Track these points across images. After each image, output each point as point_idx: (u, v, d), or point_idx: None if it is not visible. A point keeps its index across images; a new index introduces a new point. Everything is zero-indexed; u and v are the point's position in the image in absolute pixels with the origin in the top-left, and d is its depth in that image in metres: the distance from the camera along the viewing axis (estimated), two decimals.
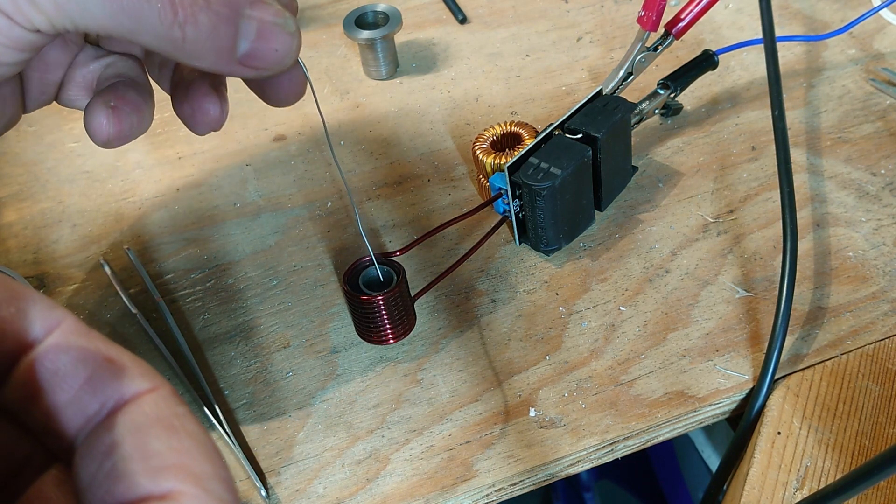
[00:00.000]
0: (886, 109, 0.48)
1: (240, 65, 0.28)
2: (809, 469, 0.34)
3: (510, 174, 0.39)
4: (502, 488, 0.35)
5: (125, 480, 0.16)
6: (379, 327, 0.38)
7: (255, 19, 0.28)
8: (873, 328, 0.38)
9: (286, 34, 0.28)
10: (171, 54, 0.28)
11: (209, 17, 0.27)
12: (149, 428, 0.17)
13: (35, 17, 0.26)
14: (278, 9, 0.28)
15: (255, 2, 0.28)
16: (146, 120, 0.33)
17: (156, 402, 0.17)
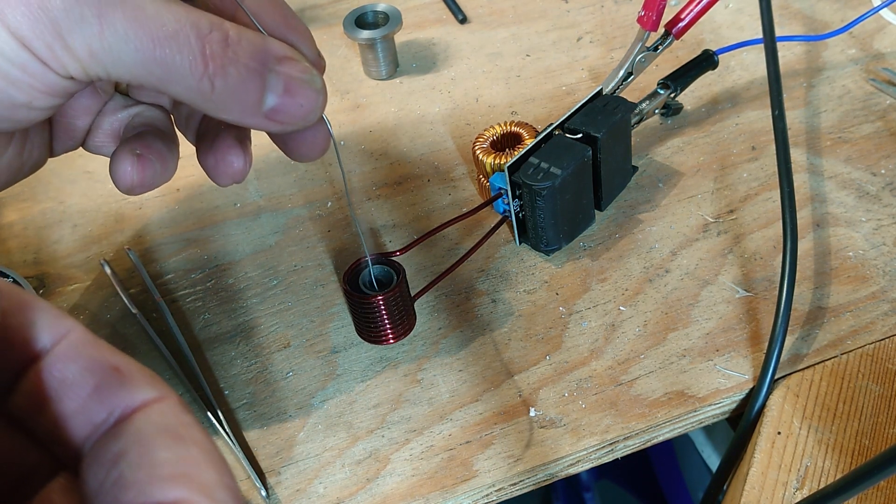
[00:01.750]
0: (886, 109, 0.49)
1: (265, 118, 0.29)
2: (809, 469, 0.34)
3: (510, 174, 0.39)
4: (502, 488, 0.35)
5: (132, 489, 0.16)
6: (379, 327, 0.38)
7: (282, 74, 0.28)
8: (873, 328, 0.38)
9: (312, 91, 0.29)
10: (198, 105, 0.28)
11: (238, 71, 0.27)
12: (155, 437, 0.17)
13: (70, 64, 0.26)
14: (306, 66, 0.29)
15: (283, 57, 0.29)
16: (170, 169, 0.34)
17: (162, 412, 0.18)
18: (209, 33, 0.27)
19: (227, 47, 0.27)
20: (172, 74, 0.27)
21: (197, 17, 0.27)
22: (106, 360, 0.18)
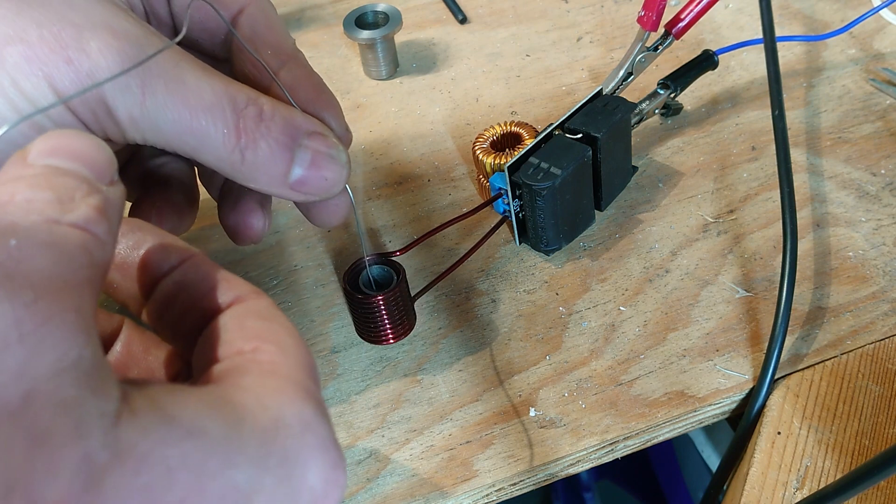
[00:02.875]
0: (886, 109, 0.49)
1: (290, 189, 0.30)
2: (809, 469, 0.34)
3: (510, 174, 0.39)
4: (502, 488, 0.35)
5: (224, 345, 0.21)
6: (379, 327, 0.38)
7: (310, 149, 0.29)
8: (873, 328, 0.38)
9: (337, 165, 0.30)
10: (227, 173, 0.29)
11: (269, 145, 0.29)
12: (246, 314, 0.22)
13: (110, 129, 0.27)
14: (333, 141, 0.30)
15: (312, 132, 0.30)
16: (186, 223, 0.35)
17: (256, 302, 0.23)
18: (245, 107, 0.28)
19: (261, 122, 0.28)
20: (206, 144, 0.28)
21: (234, 91, 0.28)
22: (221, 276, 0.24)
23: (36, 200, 0.19)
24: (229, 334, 0.21)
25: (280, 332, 0.22)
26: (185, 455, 0.17)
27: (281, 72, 0.31)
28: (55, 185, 0.19)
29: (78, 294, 0.18)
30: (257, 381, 0.20)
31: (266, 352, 0.21)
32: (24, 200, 0.19)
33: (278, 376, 0.20)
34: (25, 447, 0.15)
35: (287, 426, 0.19)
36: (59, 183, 0.19)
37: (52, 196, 0.19)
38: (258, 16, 0.32)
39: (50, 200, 0.19)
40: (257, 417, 0.18)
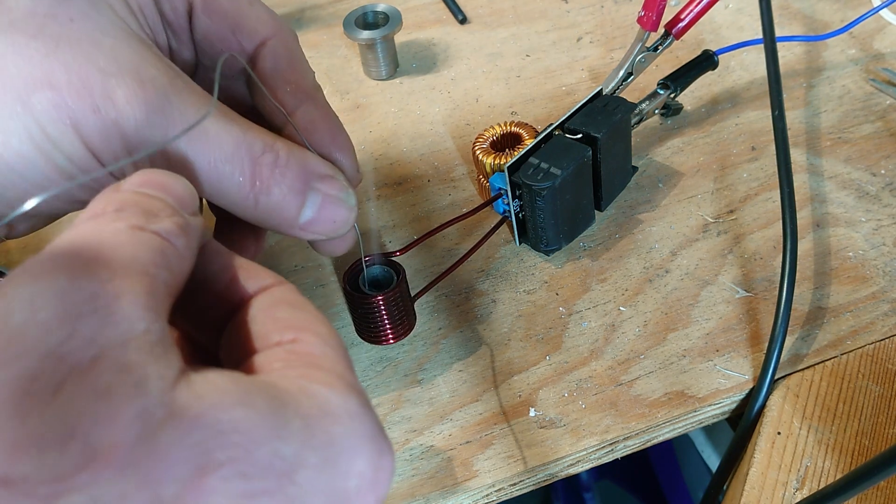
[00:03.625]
0: (886, 109, 0.49)
1: (300, 229, 0.31)
2: (809, 469, 0.34)
3: (510, 174, 0.39)
4: (502, 488, 0.35)
5: (259, 338, 0.22)
6: (379, 327, 0.38)
7: (321, 192, 0.30)
8: (873, 328, 0.38)
9: (346, 208, 0.31)
10: (240, 215, 0.30)
11: (281, 191, 0.29)
12: (276, 304, 0.23)
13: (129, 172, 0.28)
14: (343, 184, 0.31)
15: (324, 176, 0.30)
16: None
17: (283, 290, 0.24)
18: (261, 155, 0.29)
19: (276, 168, 0.29)
20: (222, 190, 0.28)
21: (252, 138, 0.29)
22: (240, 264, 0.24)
23: (123, 212, 0.21)
24: (262, 326, 0.22)
25: (314, 321, 0.23)
26: (236, 420, 0.18)
27: (298, 111, 0.32)
28: (142, 204, 0.22)
29: (151, 282, 0.20)
30: (303, 372, 0.21)
31: (306, 342, 0.22)
32: (113, 211, 0.21)
33: (323, 369, 0.21)
34: (88, 399, 0.17)
35: (333, 415, 0.20)
36: (147, 203, 0.22)
37: (139, 210, 0.21)
38: (281, 50, 0.32)
39: (136, 213, 0.21)
40: (302, 403, 0.19)
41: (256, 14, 0.32)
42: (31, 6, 0.26)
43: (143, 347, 0.18)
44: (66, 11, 0.26)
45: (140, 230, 0.21)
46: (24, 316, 0.18)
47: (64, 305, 0.18)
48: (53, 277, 0.18)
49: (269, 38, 0.32)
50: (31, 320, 0.18)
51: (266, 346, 0.22)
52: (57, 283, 0.18)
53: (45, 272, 0.19)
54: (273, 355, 0.21)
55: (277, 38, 0.32)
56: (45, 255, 0.19)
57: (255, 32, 0.32)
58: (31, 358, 0.17)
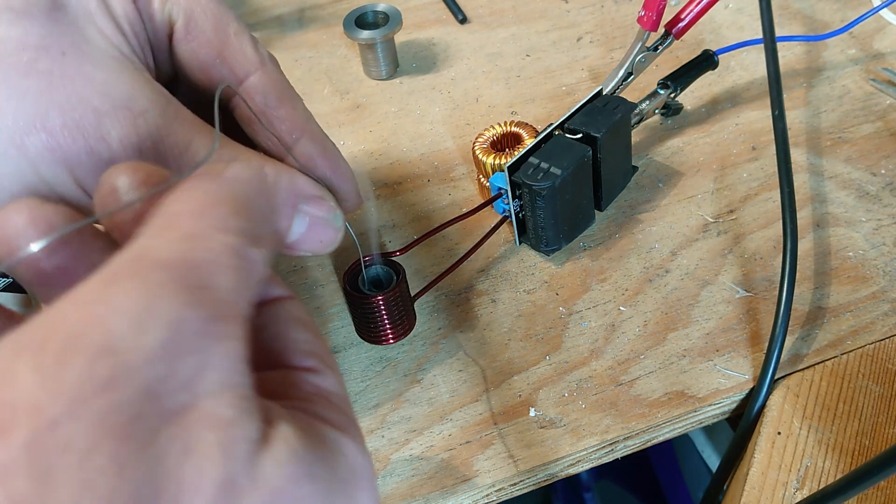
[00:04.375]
0: (886, 109, 0.48)
1: (286, 248, 0.31)
2: (809, 469, 0.34)
3: (510, 174, 0.39)
4: (502, 488, 0.35)
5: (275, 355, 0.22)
6: (379, 327, 0.38)
7: (308, 214, 0.30)
8: (873, 328, 0.38)
9: (332, 230, 0.31)
10: None
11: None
12: (291, 322, 0.23)
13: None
14: (331, 206, 0.31)
15: (311, 196, 0.30)
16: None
17: (294, 306, 0.23)
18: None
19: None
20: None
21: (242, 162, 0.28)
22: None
23: (231, 220, 0.19)
24: (278, 343, 0.22)
25: (326, 350, 0.23)
26: (306, 496, 0.18)
27: (296, 147, 0.32)
28: (250, 215, 0.20)
29: (243, 325, 0.18)
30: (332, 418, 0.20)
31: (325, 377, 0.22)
32: (221, 217, 0.19)
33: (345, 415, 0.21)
34: (177, 458, 0.16)
35: (360, 478, 0.20)
36: (253, 214, 0.20)
37: (247, 225, 0.20)
38: (268, 85, 0.31)
39: (244, 229, 0.19)
40: (340, 466, 0.19)
41: (241, 46, 0.31)
42: (22, 37, 0.25)
43: (234, 402, 0.17)
44: (57, 44, 0.26)
45: (244, 258, 0.19)
46: (130, 333, 0.16)
47: (172, 336, 0.16)
48: (168, 298, 0.17)
49: (254, 72, 0.31)
50: (137, 343, 0.16)
51: (283, 365, 0.22)
52: (171, 306, 0.16)
53: (160, 287, 0.17)
54: (295, 384, 0.21)
55: (263, 72, 0.31)
56: (158, 261, 0.17)
57: (240, 66, 0.31)
58: (130, 389, 0.15)
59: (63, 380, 0.15)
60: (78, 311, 0.16)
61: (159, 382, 0.16)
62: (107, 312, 0.16)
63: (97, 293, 0.16)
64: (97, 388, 0.15)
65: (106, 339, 0.15)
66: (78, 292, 0.16)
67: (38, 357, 0.15)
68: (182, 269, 0.17)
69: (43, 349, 0.15)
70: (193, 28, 0.30)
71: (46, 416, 0.15)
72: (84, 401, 0.15)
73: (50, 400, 0.15)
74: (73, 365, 0.15)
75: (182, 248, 0.18)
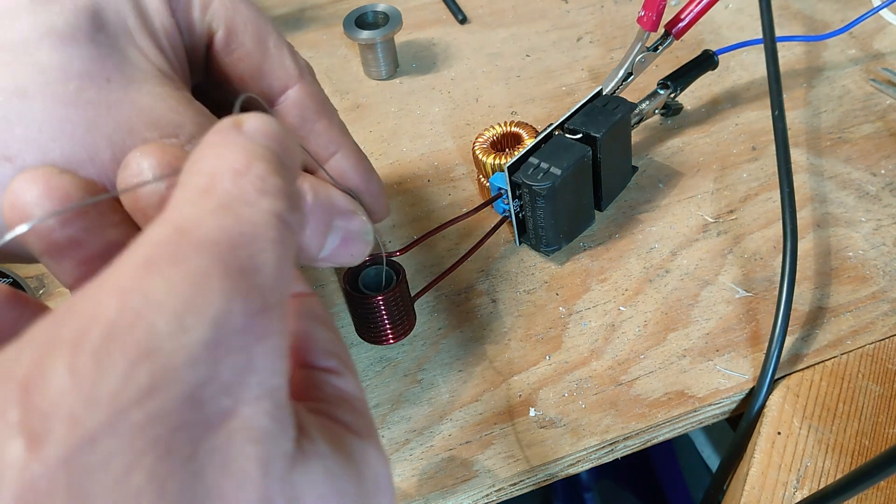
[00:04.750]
0: (886, 109, 0.48)
1: (318, 261, 0.31)
2: (809, 469, 0.34)
3: (510, 174, 0.39)
4: (502, 488, 0.35)
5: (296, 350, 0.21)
6: (379, 327, 0.38)
7: (342, 230, 0.30)
8: (873, 328, 0.38)
9: (364, 243, 0.31)
10: None
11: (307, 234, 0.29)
12: (315, 321, 0.22)
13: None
14: (363, 220, 0.31)
15: (345, 211, 0.30)
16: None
17: (315, 304, 0.23)
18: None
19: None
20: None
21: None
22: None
23: (271, 179, 0.18)
24: (301, 341, 0.21)
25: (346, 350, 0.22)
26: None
27: (330, 162, 0.32)
28: (286, 173, 0.18)
29: (284, 314, 0.17)
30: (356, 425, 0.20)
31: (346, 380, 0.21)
32: (261, 176, 0.17)
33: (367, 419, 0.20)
34: (217, 473, 0.15)
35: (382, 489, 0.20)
36: (288, 172, 0.18)
37: (284, 185, 0.18)
38: (307, 99, 0.31)
39: (280, 188, 0.18)
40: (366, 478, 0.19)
41: (280, 59, 0.30)
42: (66, 64, 0.24)
43: (272, 410, 0.16)
44: (101, 70, 0.25)
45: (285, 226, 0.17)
46: (172, 331, 0.14)
47: (215, 334, 0.15)
48: (211, 289, 0.15)
49: (293, 86, 0.31)
50: (179, 343, 0.14)
51: (305, 364, 0.21)
52: (215, 299, 0.15)
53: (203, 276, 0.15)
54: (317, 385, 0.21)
55: (301, 85, 0.31)
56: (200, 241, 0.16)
57: (279, 80, 0.30)
58: (172, 396, 0.14)
59: (101, 386, 0.14)
60: (116, 302, 0.14)
61: (201, 387, 0.14)
62: (147, 306, 0.14)
63: (136, 280, 0.15)
64: (138, 395, 0.14)
65: (147, 338, 0.14)
66: (115, 276, 0.15)
67: (73, 357, 0.14)
68: (225, 249, 0.16)
69: (79, 347, 0.14)
70: (233, 40, 0.29)
71: (84, 428, 0.13)
72: (124, 412, 0.14)
73: (87, 410, 0.14)
74: (113, 369, 0.14)
75: (225, 220, 0.16)
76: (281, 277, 0.17)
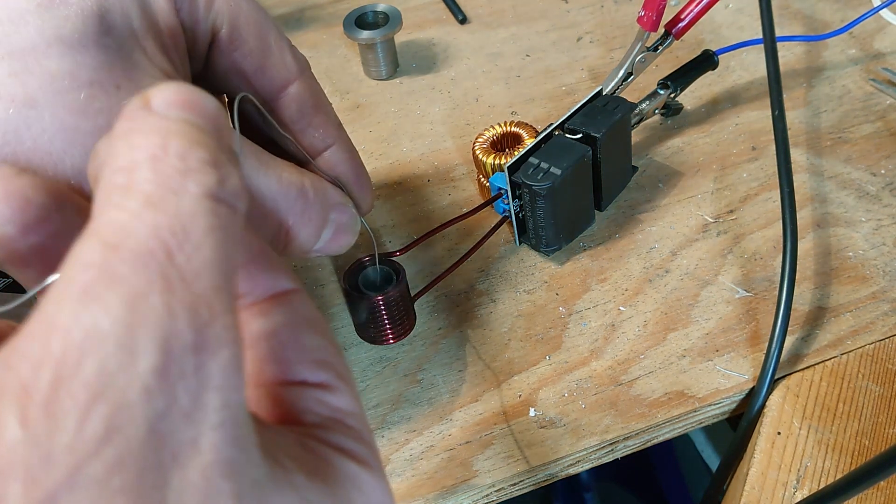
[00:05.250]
0: (886, 109, 0.48)
1: (309, 253, 0.31)
2: (809, 469, 0.34)
3: (510, 174, 0.39)
4: (502, 488, 0.35)
5: (282, 364, 0.19)
6: (379, 327, 0.38)
7: (335, 222, 0.30)
8: (873, 328, 0.38)
9: (352, 234, 0.31)
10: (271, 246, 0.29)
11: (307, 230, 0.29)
12: (301, 325, 0.20)
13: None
14: (352, 212, 0.31)
15: (337, 204, 0.31)
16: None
17: (303, 302, 0.20)
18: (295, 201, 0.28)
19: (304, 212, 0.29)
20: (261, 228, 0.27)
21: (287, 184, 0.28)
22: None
23: (191, 159, 0.16)
24: (286, 351, 0.20)
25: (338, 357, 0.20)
26: None
27: (325, 155, 0.32)
28: (209, 144, 0.17)
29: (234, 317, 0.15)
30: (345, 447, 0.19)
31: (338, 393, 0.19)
32: (177, 157, 0.16)
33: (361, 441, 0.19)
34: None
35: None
36: (213, 142, 0.17)
37: (207, 156, 0.16)
38: (305, 94, 0.31)
39: (205, 161, 0.16)
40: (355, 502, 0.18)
41: (281, 55, 0.31)
42: (74, 71, 0.24)
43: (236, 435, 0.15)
44: (109, 77, 0.24)
45: (218, 204, 0.16)
46: (119, 362, 0.13)
47: (166, 356, 0.14)
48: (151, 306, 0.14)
49: (293, 82, 0.31)
50: (130, 374, 0.13)
51: (292, 379, 0.19)
52: (157, 317, 0.14)
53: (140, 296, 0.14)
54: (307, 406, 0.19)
55: (301, 80, 0.31)
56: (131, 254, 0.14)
57: (280, 76, 0.31)
58: (131, 435, 0.13)
59: (55, 439, 0.13)
60: (59, 342, 0.14)
61: (161, 419, 0.14)
62: (90, 340, 0.13)
63: (75, 314, 0.14)
64: (95, 445, 0.13)
65: (96, 377, 0.13)
66: (53, 311, 0.14)
67: (23, 408, 0.13)
68: (159, 258, 0.14)
69: (28, 396, 0.13)
70: (237, 37, 0.30)
71: (42, 489, 0.13)
72: (82, 465, 0.13)
73: (44, 468, 0.13)
74: (65, 418, 0.13)
75: (153, 220, 0.15)
76: (225, 272, 0.15)
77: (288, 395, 0.19)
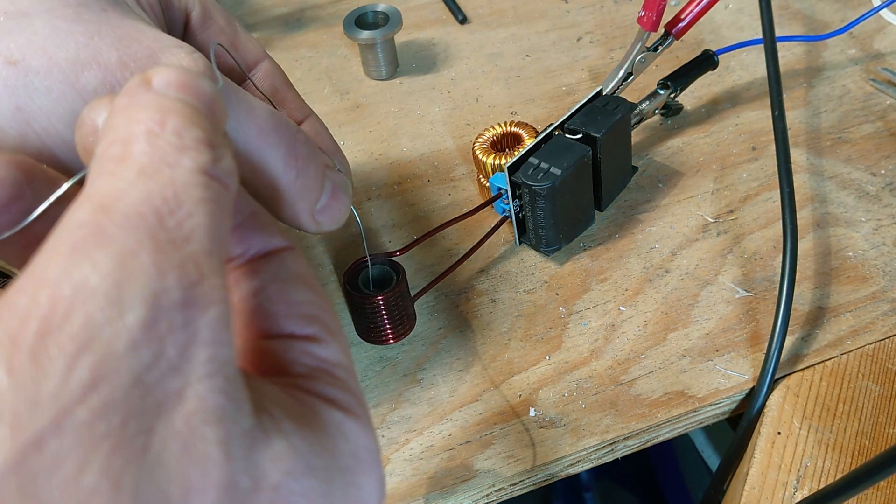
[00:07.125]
0: (886, 109, 0.48)
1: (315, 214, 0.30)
2: (809, 469, 0.34)
3: (510, 174, 0.39)
4: (502, 488, 0.35)
5: (270, 319, 0.19)
6: (379, 327, 0.38)
7: (332, 179, 0.30)
8: (873, 328, 0.38)
9: (347, 197, 0.31)
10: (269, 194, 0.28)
11: (316, 169, 0.29)
12: (290, 280, 0.20)
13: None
14: (343, 175, 0.31)
15: (329, 166, 0.30)
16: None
17: (294, 259, 0.21)
18: (297, 132, 0.28)
19: (309, 146, 0.28)
20: (267, 161, 0.27)
21: (286, 116, 0.28)
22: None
23: (187, 136, 0.17)
24: (274, 306, 0.20)
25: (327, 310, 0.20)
26: (305, 491, 0.17)
27: (304, 125, 0.33)
28: (205, 125, 0.17)
29: (224, 278, 0.16)
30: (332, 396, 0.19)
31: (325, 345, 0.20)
32: (174, 133, 0.17)
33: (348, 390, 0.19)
34: (178, 460, 0.14)
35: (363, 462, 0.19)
36: (208, 123, 0.17)
37: (203, 135, 0.17)
38: (276, 72, 0.33)
39: (200, 140, 0.17)
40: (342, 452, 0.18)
41: (248, 38, 0.33)
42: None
43: (226, 386, 0.15)
44: (97, 2, 0.25)
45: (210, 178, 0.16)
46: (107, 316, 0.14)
47: (153, 312, 0.14)
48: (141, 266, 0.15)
49: (263, 59, 0.33)
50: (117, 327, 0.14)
51: (280, 332, 0.20)
52: (146, 275, 0.14)
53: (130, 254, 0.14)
54: (294, 357, 0.19)
55: (269, 61, 0.34)
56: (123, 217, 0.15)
57: (251, 53, 0.33)
58: (117, 386, 0.14)
59: (42, 385, 0.13)
60: (47, 295, 0.14)
61: (147, 370, 0.14)
62: (79, 294, 0.14)
63: (65, 269, 0.14)
64: (81, 392, 0.13)
65: (83, 328, 0.14)
66: (43, 266, 0.14)
67: (10, 357, 0.13)
68: (152, 220, 0.15)
69: (15, 345, 0.14)
70: (208, 17, 0.32)
71: (29, 431, 0.13)
72: (68, 410, 0.13)
73: (31, 412, 0.13)
74: (52, 366, 0.13)
75: (146, 188, 0.16)
76: (215, 239, 0.16)
77: (276, 349, 0.19)
